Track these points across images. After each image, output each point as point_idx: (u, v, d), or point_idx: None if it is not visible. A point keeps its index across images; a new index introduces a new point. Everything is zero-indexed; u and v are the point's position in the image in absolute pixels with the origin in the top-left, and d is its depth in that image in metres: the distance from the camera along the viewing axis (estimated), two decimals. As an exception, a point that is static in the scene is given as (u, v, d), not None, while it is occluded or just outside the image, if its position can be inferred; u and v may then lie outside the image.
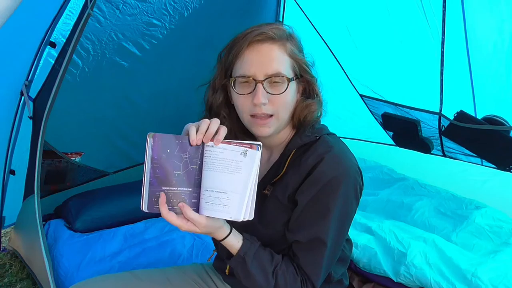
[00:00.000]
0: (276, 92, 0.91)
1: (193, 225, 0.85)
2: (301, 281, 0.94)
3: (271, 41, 0.92)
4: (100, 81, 2.07)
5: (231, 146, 0.85)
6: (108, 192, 2.17)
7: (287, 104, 0.94)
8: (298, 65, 0.96)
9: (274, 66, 0.91)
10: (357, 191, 0.96)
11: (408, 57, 2.12)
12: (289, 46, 0.94)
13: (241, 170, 0.84)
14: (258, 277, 0.92)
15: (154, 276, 1.18)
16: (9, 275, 2.02)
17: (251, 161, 0.84)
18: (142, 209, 0.83)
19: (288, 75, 0.93)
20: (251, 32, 0.92)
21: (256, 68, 0.91)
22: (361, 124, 2.70)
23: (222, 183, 0.85)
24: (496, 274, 1.47)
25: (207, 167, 0.86)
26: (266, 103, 0.91)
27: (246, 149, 0.85)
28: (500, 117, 1.83)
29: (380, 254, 1.68)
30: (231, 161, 0.85)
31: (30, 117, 1.74)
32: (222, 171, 0.85)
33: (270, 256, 0.95)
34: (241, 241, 0.93)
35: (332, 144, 0.96)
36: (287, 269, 0.94)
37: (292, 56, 0.94)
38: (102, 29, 1.90)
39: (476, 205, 2.01)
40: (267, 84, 0.91)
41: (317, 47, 2.49)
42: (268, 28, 0.93)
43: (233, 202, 0.84)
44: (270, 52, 0.92)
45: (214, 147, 0.85)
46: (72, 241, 1.85)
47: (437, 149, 2.26)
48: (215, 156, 0.85)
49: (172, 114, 2.37)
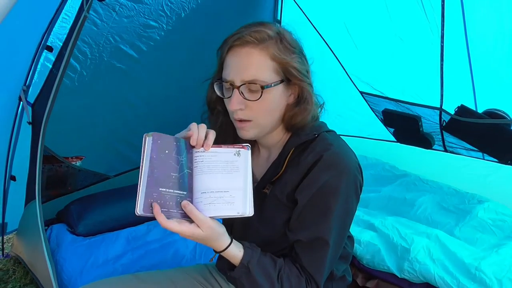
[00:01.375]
0: (252, 99, 0.90)
1: (196, 227, 0.83)
2: (306, 281, 0.94)
3: (251, 45, 0.89)
4: (98, 85, 2.07)
5: (222, 149, 0.87)
6: (110, 196, 2.17)
7: (266, 110, 0.92)
8: (284, 68, 0.92)
9: (250, 72, 0.89)
10: (357, 188, 0.95)
11: (407, 53, 2.13)
12: (271, 49, 0.90)
13: (238, 168, 0.86)
14: (264, 284, 0.91)
15: (158, 278, 1.18)
16: (12, 280, 2.02)
17: (245, 159, 0.87)
18: (137, 212, 0.79)
19: (268, 80, 0.90)
20: (233, 36, 0.91)
21: (233, 73, 0.90)
22: (362, 122, 2.71)
23: (221, 183, 0.85)
24: (499, 268, 1.47)
25: (200, 171, 0.86)
26: (243, 109, 0.91)
27: (239, 149, 0.88)
28: (501, 111, 1.83)
29: (383, 250, 1.68)
30: (227, 163, 0.87)
31: (29, 122, 1.73)
32: (220, 173, 0.86)
33: (273, 261, 0.94)
34: (243, 250, 0.91)
35: (331, 141, 0.95)
36: (290, 272, 0.94)
37: (276, 59, 0.90)
38: (99, 32, 1.90)
39: (478, 199, 2.01)
40: (245, 89, 0.90)
41: (316, 45, 2.50)
42: (249, 31, 0.90)
43: (237, 198, 0.85)
44: (248, 58, 0.89)
45: (204, 152, 0.86)
46: (75, 245, 1.85)
47: (438, 145, 2.27)
48: (207, 160, 0.86)
49: (171, 116, 2.37)
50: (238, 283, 0.93)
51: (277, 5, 2.53)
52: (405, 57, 2.14)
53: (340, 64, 2.49)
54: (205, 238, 0.85)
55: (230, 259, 0.92)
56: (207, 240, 0.86)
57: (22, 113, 1.83)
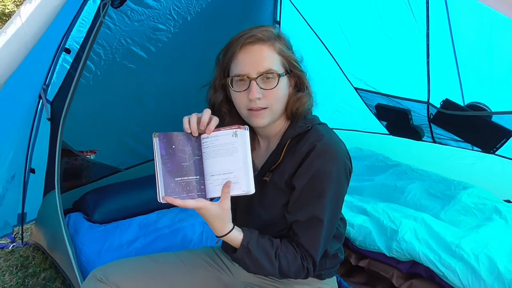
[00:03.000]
0: (269, 87, 1.01)
1: (213, 204, 0.93)
2: (301, 258, 1.03)
3: (261, 42, 1.01)
4: (111, 84, 2.20)
5: (221, 131, 0.94)
6: (122, 186, 2.29)
7: (279, 97, 1.03)
8: (288, 62, 1.04)
9: (265, 64, 1.00)
10: (347, 172, 1.05)
11: (397, 51, 2.23)
12: (277, 45, 1.03)
13: (237, 149, 0.93)
14: (264, 262, 1.00)
15: (169, 258, 1.28)
16: (33, 266, 2.15)
17: (242, 139, 0.94)
18: (160, 201, 0.90)
19: (278, 71, 1.01)
20: (243, 36, 1.01)
21: (249, 67, 1.00)
22: (357, 116, 2.81)
23: (225, 165, 0.94)
24: (477, 245, 1.58)
25: (208, 155, 0.95)
26: (261, 98, 1.01)
27: (235, 130, 0.94)
28: (482, 104, 1.94)
29: (374, 232, 1.79)
30: (227, 144, 0.94)
31: (48, 119, 1.85)
32: (223, 155, 0.94)
33: (270, 241, 1.03)
34: (242, 233, 1.00)
35: (323, 132, 1.05)
36: (287, 250, 1.03)
37: (281, 54, 1.03)
38: (112, 35, 2.02)
39: (464, 186, 2.11)
40: (260, 80, 1.00)
41: (313, 45, 2.61)
42: (257, 30, 1.02)
43: (240, 178, 0.93)
44: (261, 52, 1.01)
45: (208, 137, 0.95)
46: (92, 231, 1.97)
47: (428, 136, 2.37)
48: (212, 144, 0.94)
49: (179, 112, 2.44)
50: (241, 262, 1.03)
51: (277, 7, 2.64)
52: (395, 55, 2.24)
53: (336, 62, 2.60)
54: (217, 217, 0.95)
55: (231, 241, 1.00)
56: (218, 219, 0.96)
57: (42, 110, 1.95)
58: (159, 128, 2.42)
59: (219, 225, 0.97)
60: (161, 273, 1.23)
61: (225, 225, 0.98)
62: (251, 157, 1.16)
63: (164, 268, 1.24)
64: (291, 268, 1.02)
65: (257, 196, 1.11)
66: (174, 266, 1.25)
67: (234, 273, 1.26)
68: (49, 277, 2.06)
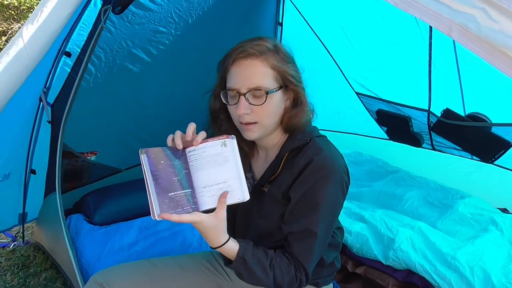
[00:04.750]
0: (257, 103, 1.00)
1: (208, 216, 0.91)
2: (294, 269, 1.03)
3: (253, 57, 0.99)
4: (112, 86, 2.18)
5: (209, 142, 0.92)
6: (123, 188, 2.30)
7: (269, 113, 1.02)
8: (282, 76, 1.02)
9: (254, 80, 0.99)
10: (343, 188, 1.05)
11: (400, 57, 2.22)
12: (271, 60, 1.01)
13: (228, 159, 0.92)
14: (259, 273, 1.00)
15: (169, 263, 1.29)
16: (34, 265, 2.17)
17: (231, 149, 0.93)
18: (155, 219, 0.88)
19: (270, 87, 1.00)
20: (237, 50, 1.01)
21: (239, 82, 1.00)
22: (358, 119, 2.81)
23: (217, 176, 0.92)
24: (472, 257, 1.60)
25: (196, 168, 0.93)
26: (249, 113, 1.00)
27: (224, 140, 0.93)
28: (483, 114, 1.94)
29: (371, 240, 1.81)
30: (216, 155, 0.92)
31: (49, 121, 1.86)
32: (213, 166, 0.92)
33: (264, 252, 1.03)
34: (238, 244, 1.00)
35: (321, 146, 1.05)
36: (281, 261, 1.03)
37: (274, 68, 1.01)
38: (113, 38, 2.00)
39: (461, 195, 2.12)
40: (250, 95, 1.00)
41: (314, 47, 2.60)
42: (251, 44, 1.00)
43: (235, 187, 0.92)
44: (251, 68, 1.00)
45: (195, 150, 0.92)
46: (92, 233, 1.98)
47: (427, 143, 2.38)
48: (199, 156, 0.92)
49: (180, 114, 2.48)
50: (236, 273, 1.04)
51: (279, 9, 2.61)
52: (398, 61, 2.23)
53: (338, 66, 2.59)
54: (213, 228, 0.93)
55: (227, 252, 0.99)
56: (214, 230, 0.94)
57: (42, 112, 1.95)
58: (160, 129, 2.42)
59: (215, 236, 0.96)
60: (161, 278, 1.24)
61: (220, 236, 0.97)
62: (250, 166, 1.18)
63: (164, 273, 1.25)
64: (285, 279, 1.03)
65: (256, 207, 1.13)
66: (174, 271, 1.27)
67: (233, 279, 1.28)
68: (50, 277, 2.08)
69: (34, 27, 0.91)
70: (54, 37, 1.00)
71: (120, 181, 2.46)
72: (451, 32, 0.63)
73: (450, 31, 0.63)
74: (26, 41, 0.90)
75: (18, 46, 0.90)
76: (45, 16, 0.92)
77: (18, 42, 0.90)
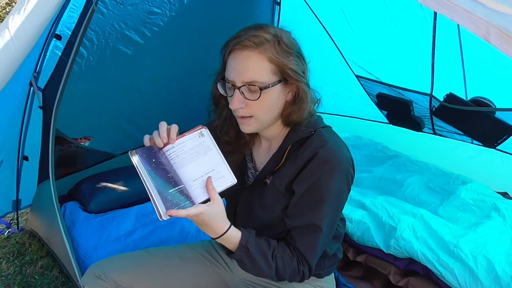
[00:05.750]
0: (252, 98, 0.97)
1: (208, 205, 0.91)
2: (297, 261, 1.02)
3: (249, 49, 0.95)
4: (104, 69, 2.12)
5: (186, 136, 0.93)
6: (118, 174, 2.25)
7: (265, 107, 0.99)
8: (281, 70, 0.97)
9: (249, 74, 0.95)
10: (348, 181, 1.03)
11: (402, 39, 2.16)
12: (269, 52, 0.95)
13: (209, 147, 0.93)
14: (261, 262, 0.99)
15: (167, 253, 1.28)
16: (29, 253, 2.15)
17: (208, 136, 0.94)
18: (162, 219, 0.86)
19: (266, 81, 0.95)
20: (233, 40, 0.97)
21: (234, 74, 0.97)
22: (357, 102, 2.76)
23: (204, 166, 0.93)
24: (475, 245, 1.59)
25: (181, 164, 0.92)
26: (243, 107, 0.98)
27: (200, 130, 0.94)
28: (487, 99, 1.91)
29: (372, 228, 1.80)
30: (197, 146, 0.93)
31: (40, 107, 1.81)
32: (197, 158, 0.93)
33: (267, 242, 1.02)
34: (240, 232, 0.99)
35: (326, 138, 1.02)
36: (284, 252, 1.02)
37: (273, 62, 0.96)
38: (105, 20, 1.93)
39: (462, 180, 2.11)
40: (245, 89, 0.96)
41: (313, 27, 2.51)
42: (247, 36, 0.95)
43: (224, 172, 0.93)
44: (247, 61, 0.95)
45: (174, 147, 0.92)
46: (88, 222, 1.95)
47: (428, 128, 2.35)
48: (181, 151, 0.92)
49: (175, 97, 2.45)
50: (239, 263, 1.02)
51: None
52: (399, 44, 2.17)
53: (338, 48, 2.52)
54: (216, 216, 0.92)
55: (229, 240, 0.97)
56: (217, 218, 0.93)
57: (33, 97, 1.88)
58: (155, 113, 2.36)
59: (217, 225, 0.95)
60: (160, 269, 1.24)
61: (222, 223, 0.95)
62: (252, 155, 1.16)
63: (162, 263, 1.25)
64: (287, 270, 1.02)
65: (258, 197, 1.11)
66: (173, 261, 1.26)
67: (233, 269, 1.27)
68: (46, 265, 2.06)
69: (21, 17, 0.84)
70: (43, 27, 0.92)
71: (115, 167, 2.42)
72: (489, 36, 0.54)
73: (488, 35, 0.55)
74: (13, 33, 0.83)
75: (4, 38, 0.83)
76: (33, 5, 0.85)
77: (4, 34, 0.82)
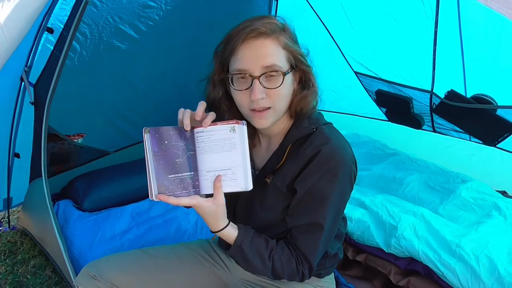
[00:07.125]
0: (273, 86, 0.94)
1: (207, 201, 0.90)
2: (296, 261, 1.00)
3: (264, 36, 0.93)
4: (98, 64, 2.08)
5: (218, 126, 0.90)
6: (113, 172, 2.22)
7: (283, 96, 0.97)
8: (293, 56, 0.97)
9: (269, 60, 0.93)
10: (351, 179, 1.01)
11: (402, 36, 2.14)
12: (282, 38, 0.95)
13: (235, 145, 0.90)
14: (256, 263, 0.99)
15: (164, 253, 1.26)
16: (21, 252, 2.11)
17: (240, 135, 0.90)
18: (152, 199, 0.87)
19: (283, 67, 0.94)
20: (245, 29, 0.93)
21: (251, 63, 0.93)
22: (356, 98, 2.74)
23: (223, 162, 0.90)
24: (477, 245, 1.57)
25: (202, 150, 0.91)
26: (264, 98, 0.94)
27: (233, 125, 0.89)
28: (488, 96, 1.89)
29: (372, 227, 1.77)
30: (224, 140, 0.90)
31: (32, 103, 1.76)
32: (219, 151, 0.90)
33: (265, 242, 1.00)
34: (237, 231, 0.98)
35: (328, 135, 1.00)
36: (282, 252, 1.00)
37: (286, 48, 0.96)
38: (98, 13, 1.88)
39: (462, 178, 2.10)
40: (264, 79, 0.93)
41: (310, 22, 2.49)
42: (260, 23, 0.93)
43: (239, 175, 0.90)
44: (264, 47, 0.93)
45: (203, 132, 0.90)
46: (82, 221, 1.91)
47: (428, 125, 2.33)
48: (207, 139, 0.90)
49: (170, 94, 2.40)
50: (234, 260, 1.03)
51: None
52: (400, 40, 2.15)
53: (336, 44, 2.50)
54: (212, 213, 0.92)
55: (226, 237, 0.98)
56: (212, 215, 0.93)
57: (24, 93, 1.84)
58: (150, 110, 2.31)
59: (214, 222, 0.95)
60: (156, 269, 1.21)
61: (219, 221, 0.95)
62: (251, 155, 1.11)
63: (159, 263, 1.22)
64: (285, 271, 1.00)
65: (258, 198, 1.08)
66: (169, 261, 1.24)
67: (231, 269, 1.25)
68: (39, 265, 2.02)
69: (11, 4, 0.79)
70: (35, 16, 0.88)
71: (109, 164, 2.40)
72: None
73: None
74: (2, 22, 0.79)
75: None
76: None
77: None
